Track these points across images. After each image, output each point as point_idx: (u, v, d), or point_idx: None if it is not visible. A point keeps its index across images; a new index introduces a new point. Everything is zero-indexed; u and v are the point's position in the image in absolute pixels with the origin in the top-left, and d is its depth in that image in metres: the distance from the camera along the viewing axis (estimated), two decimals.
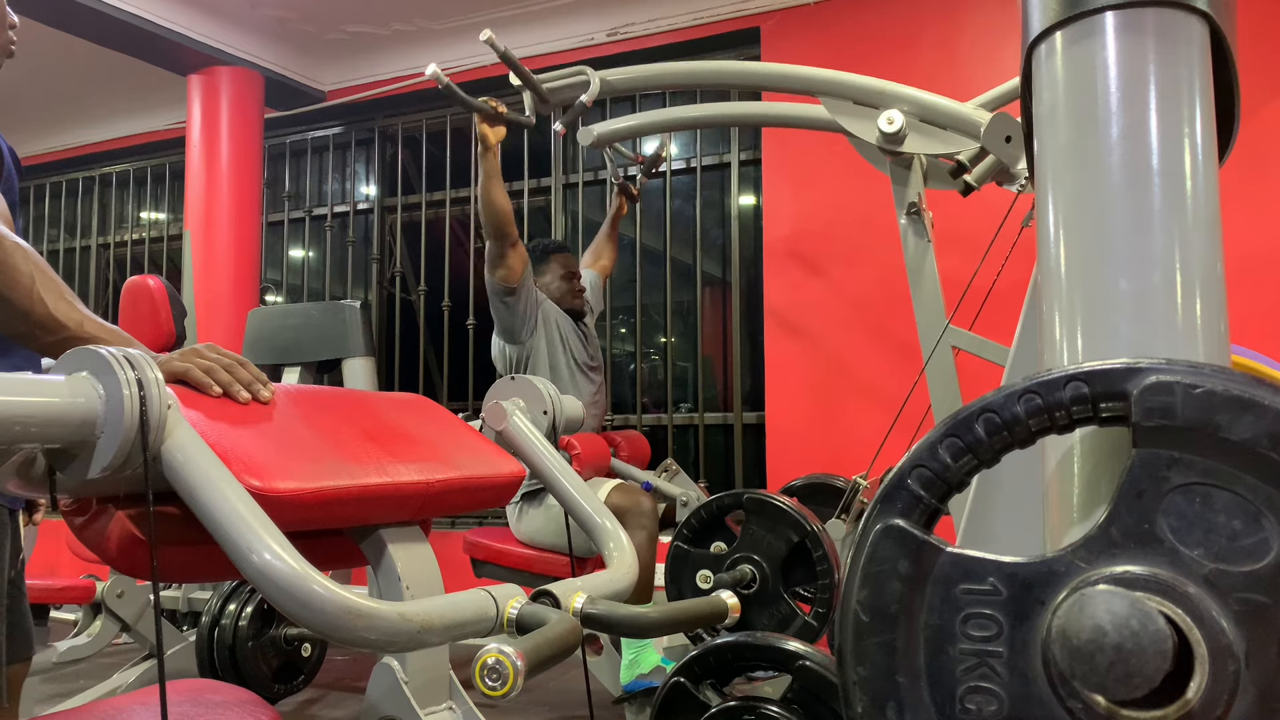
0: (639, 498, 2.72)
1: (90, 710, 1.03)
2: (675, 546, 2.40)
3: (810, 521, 2.27)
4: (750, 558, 2.31)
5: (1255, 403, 0.68)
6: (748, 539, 2.32)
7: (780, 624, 2.28)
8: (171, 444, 0.90)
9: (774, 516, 2.29)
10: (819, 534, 2.27)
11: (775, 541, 2.29)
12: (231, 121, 4.74)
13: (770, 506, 2.30)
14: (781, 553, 2.29)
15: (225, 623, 2.96)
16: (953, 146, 2.43)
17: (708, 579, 2.32)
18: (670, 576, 2.39)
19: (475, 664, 0.88)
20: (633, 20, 4.39)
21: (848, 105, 2.52)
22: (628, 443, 3.27)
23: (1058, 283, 0.89)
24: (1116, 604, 0.67)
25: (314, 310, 3.70)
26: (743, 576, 2.29)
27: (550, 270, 3.18)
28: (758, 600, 2.30)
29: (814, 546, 2.26)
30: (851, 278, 3.93)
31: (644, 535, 2.62)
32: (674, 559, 2.39)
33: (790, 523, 2.28)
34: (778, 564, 2.29)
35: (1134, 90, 0.87)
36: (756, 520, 2.31)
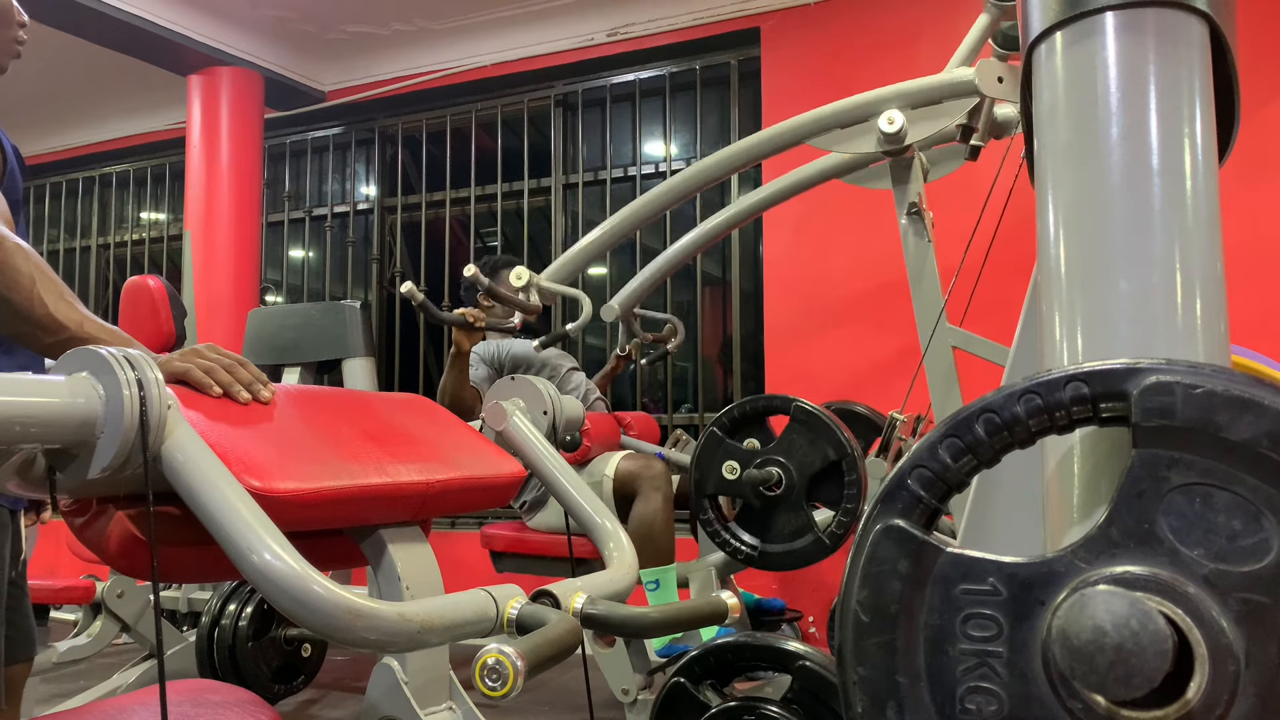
0: (650, 461, 2.72)
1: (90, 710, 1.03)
2: (710, 432, 2.38)
3: (852, 444, 2.26)
4: (781, 461, 2.30)
5: (1255, 403, 0.68)
6: (784, 444, 2.31)
7: (794, 533, 2.27)
8: (171, 444, 0.90)
9: (817, 430, 2.28)
10: (857, 457, 2.26)
11: (811, 453, 2.27)
12: (231, 121, 4.74)
13: (816, 420, 2.28)
14: (815, 466, 2.27)
15: (225, 623, 2.96)
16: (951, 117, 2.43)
17: (735, 470, 2.31)
18: (699, 461, 2.38)
19: (475, 664, 0.88)
20: (633, 20, 4.39)
21: (836, 134, 2.52)
22: (638, 422, 3.28)
23: (1058, 283, 0.89)
24: (1116, 604, 0.67)
25: (314, 310, 3.70)
26: (769, 477, 2.28)
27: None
28: (778, 504, 2.29)
29: (849, 469, 2.24)
30: (851, 278, 3.93)
31: (659, 497, 2.62)
32: (706, 444, 2.38)
33: (831, 440, 2.26)
34: (807, 475, 2.27)
35: (1134, 90, 0.87)
36: (798, 429, 2.30)
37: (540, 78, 4.70)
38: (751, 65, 4.27)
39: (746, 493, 2.33)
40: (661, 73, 4.51)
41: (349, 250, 5.22)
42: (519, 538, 2.88)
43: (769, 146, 2.64)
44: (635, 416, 3.32)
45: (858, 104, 2.49)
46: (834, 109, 2.51)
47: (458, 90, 4.85)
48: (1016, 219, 2.71)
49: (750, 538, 2.35)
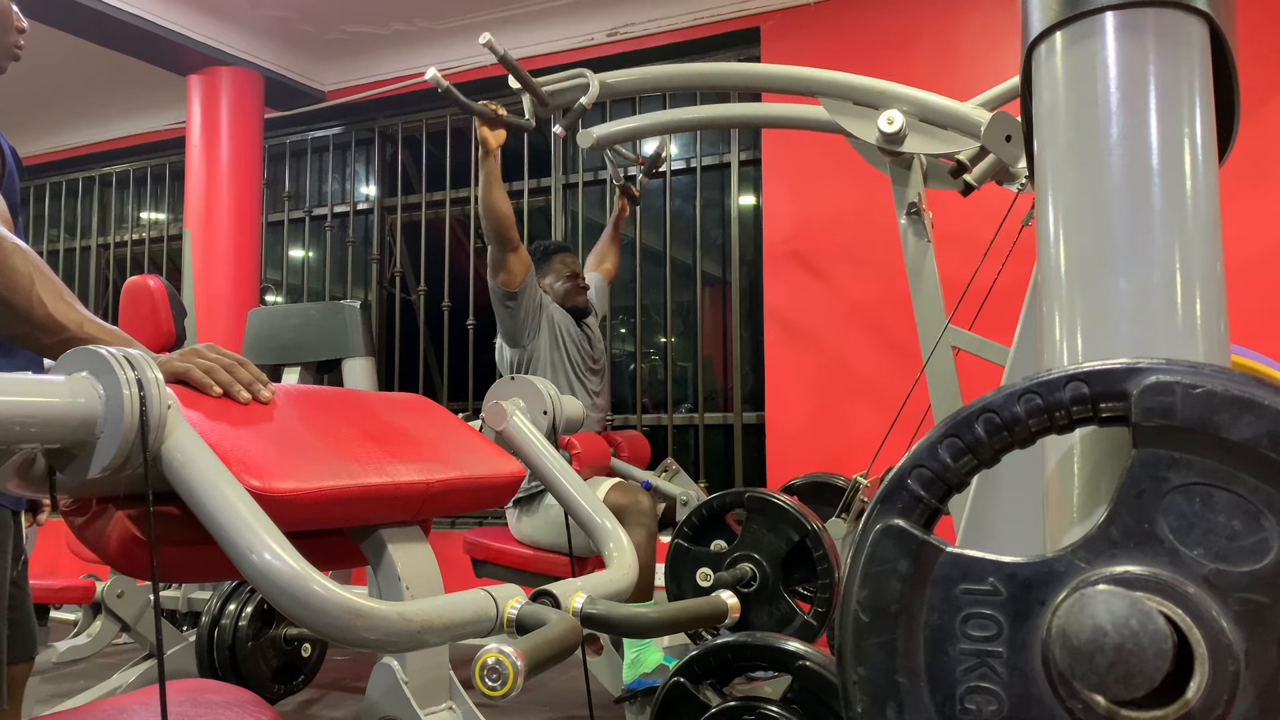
0: (638, 496, 2.72)
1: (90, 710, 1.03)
2: (675, 544, 2.40)
3: (810, 520, 2.28)
4: (751, 556, 2.31)
5: (1255, 403, 0.68)
6: (748, 537, 2.32)
7: (780, 623, 2.28)
8: (171, 444, 0.90)
9: (774, 515, 2.30)
10: (819, 533, 2.27)
11: (775, 540, 2.29)
12: (231, 121, 4.74)
13: (771, 505, 2.30)
14: (782, 551, 2.29)
15: (225, 623, 2.95)
16: (952, 146, 2.43)
17: (708, 577, 2.32)
18: (670, 574, 2.40)
19: (475, 664, 0.88)
20: (633, 20, 4.39)
21: (847, 106, 2.52)
22: (628, 443, 3.27)
23: (1058, 283, 0.89)
24: (1116, 604, 0.67)
25: (314, 310, 3.70)
26: (743, 575, 2.29)
27: (552, 270, 3.18)
28: (758, 598, 2.30)
29: (814, 545, 2.26)
30: (852, 278, 3.93)
31: (643, 533, 2.62)
32: (674, 557, 2.40)
33: (791, 521, 2.28)
34: (778, 562, 2.29)
35: (1134, 90, 0.87)
36: (757, 519, 2.32)
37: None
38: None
39: None
40: None
41: (349, 250, 5.22)
42: (502, 549, 2.88)
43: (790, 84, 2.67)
44: (626, 437, 3.31)
45: (870, 88, 2.49)
46: (850, 82, 2.51)
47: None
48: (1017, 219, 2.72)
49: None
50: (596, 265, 3.57)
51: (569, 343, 3.08)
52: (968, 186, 2.52)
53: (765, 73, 2.81)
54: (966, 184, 2.52)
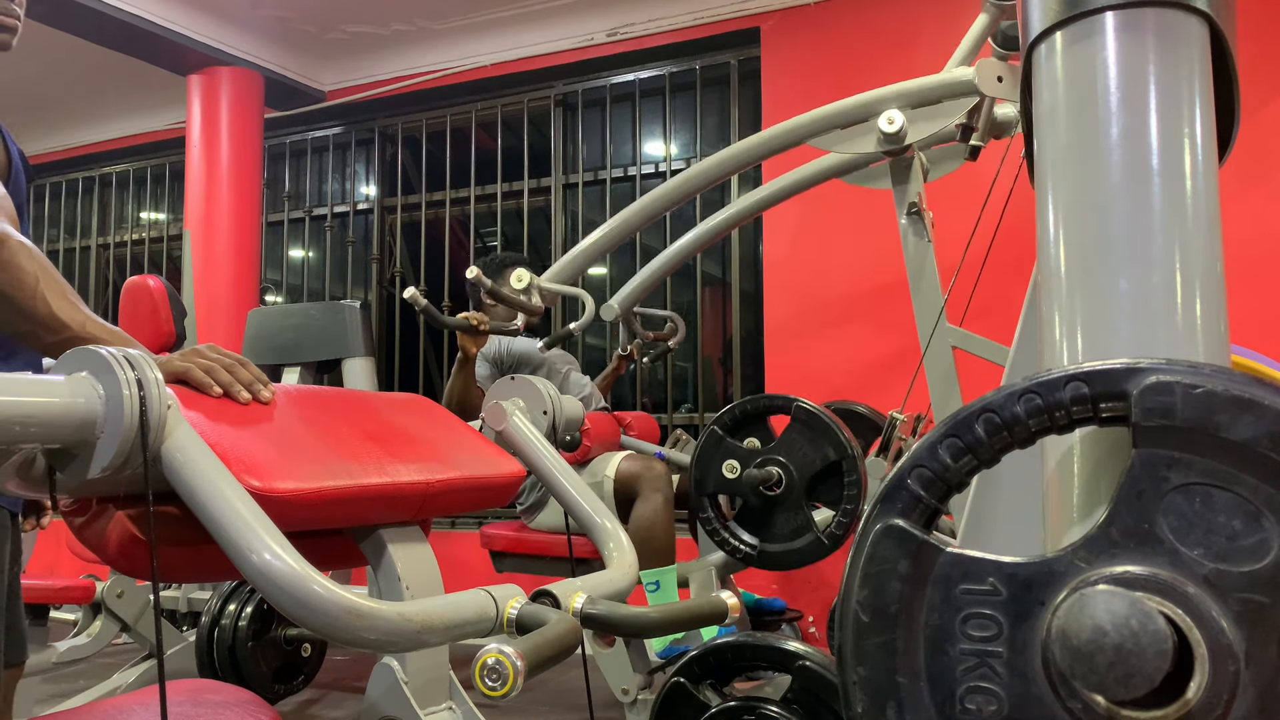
0: (651, 462, 2.71)
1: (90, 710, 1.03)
2: (711, 430, 2.38)
3: (852, 444, 2.26)
4: (781, 461, 2.30)
5: (1255, 403, 0.68)
6: (785, 443, 2.31)
7: (794, 532, 2.27)
8: (171, 444, 0.90)
9: (818, 430, 2.28)
10: (857, 458, 2.26)
11: (811, 453, 2.27)
12: (231, 121, 4.74)
13: (817, 420, 2.28)
14: (815, 466, 2.27)
15: (225, 623, 2.96)
16: (951, 116, 2.44)
17: (735, 469, 2.31)
18: (698, 461, 2.38)
19: (475, 664, 0.88)
20: (633, 20, 4.39)
21: (837, 134, 2.52)
22: (638, 421, 3.28)
23: (1058, 283, 0.89)
24: (1116, 604, 0.67)
25: (314, 310, 3.70)
26: (770, 476, 2.28)
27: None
28: (778, 503, 2.29)
29: (849, 469, 2.24)
30: (852, 277, 3.93)
31: (659, 498, 2.62)
32: (707, 443, 2.38)
33: (832, 440, 2.26)
34: (807, 475, 2.27)
35: (1134, 90, 0.87)
36: (799, 429, 2.30)
37: (540, 78, 4.70)
38: (751, 65, 4.27)
39: (746, 492, 2.33)
40: (661, 73, 4.51)
41: (349, 250, 5.22)
42: (519, 538, 2.88)
43: (769, 147, 2.65)
44: (635, 416, 3.32)
45: (858, 104, 2.49)
46: (834, 109, 2.51)
47: (458, 90, 4.85)
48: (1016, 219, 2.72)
49: (749, 537, 2.35)
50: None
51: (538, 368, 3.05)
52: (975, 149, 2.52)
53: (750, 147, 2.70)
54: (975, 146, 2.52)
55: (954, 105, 2.41)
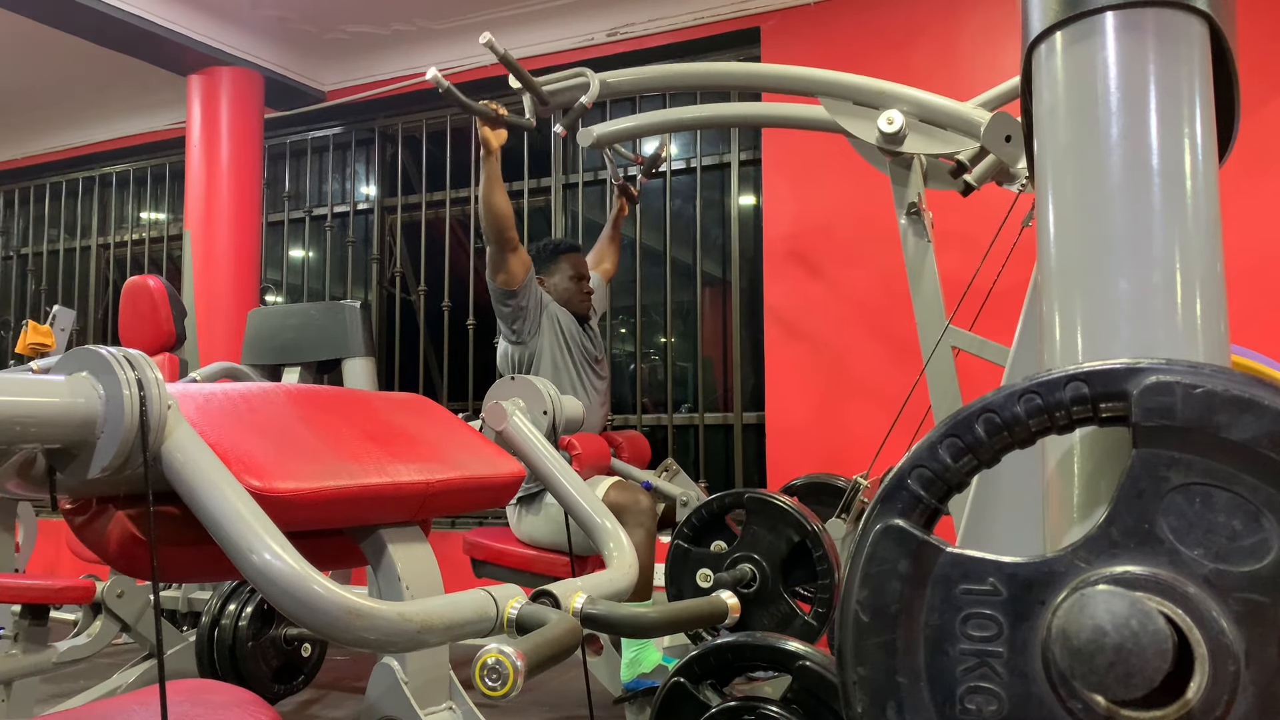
0: (637, 495, 2.72)
1: (90, 710, 1.03)
2: (675, 545, 2.40)
3: (810, 521, 2.28)
4: (750, 557, 2.31)
5: (1255, 403, 0.68)
6: (748, 538, 2.32)
7: (780, 623, 2.28)
8: (171, 444, 0.90)
9: (774, 516, 2.30)
10: (819, 533, 2.27)
11: (775, 541, 2.29)
12: (231, 121, 4.74)
13: (771, 506, 2.30)
14: (782, 552, 2.29)
15: (225, 623, 2.95)
16: (952, 146, 2.43)
17: (708, 578, 2.32)
18: (670, 576, 2.39)
19: (475, 664, 0.88)
20: (633, 20, 4.39)
21: (847, 105, 2.51)
22: (628, 443, 3.27)
23: (1058, 283, 0.89)
24: (1116, 604, 0.67)
25: (314, 310, 3.70)
26: (743, 576, 2.29)
27: (559, 271, 3.16)
28: (758, 600, 2.30)
29: (814, 546, 2.26)
30: (852, 277, 3.93)
31: (642, 533, 2.62)
32: (674, 558, 2.39)
33: (791, 522, 2.28)
34: (778, 563, 2.29)
35: (1134, 90, 0.87)
36: (757, 519, 2.32)
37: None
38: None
39: None
40: None
41: (349, 250, 5.22)
42: (502, 549, 2.88)
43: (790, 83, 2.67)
44: (626, 437, 3.31)
45: (870, 88, 2.49)
46: (851, 82, 2.51)
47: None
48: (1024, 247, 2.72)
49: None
50: (595, 265, 3.56)
51: (572, 342, 3.07)
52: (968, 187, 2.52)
53: (766, 73, 2.81)
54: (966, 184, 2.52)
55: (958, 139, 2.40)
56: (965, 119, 2.36)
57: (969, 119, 2.35)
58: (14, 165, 6.12)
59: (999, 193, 2.69)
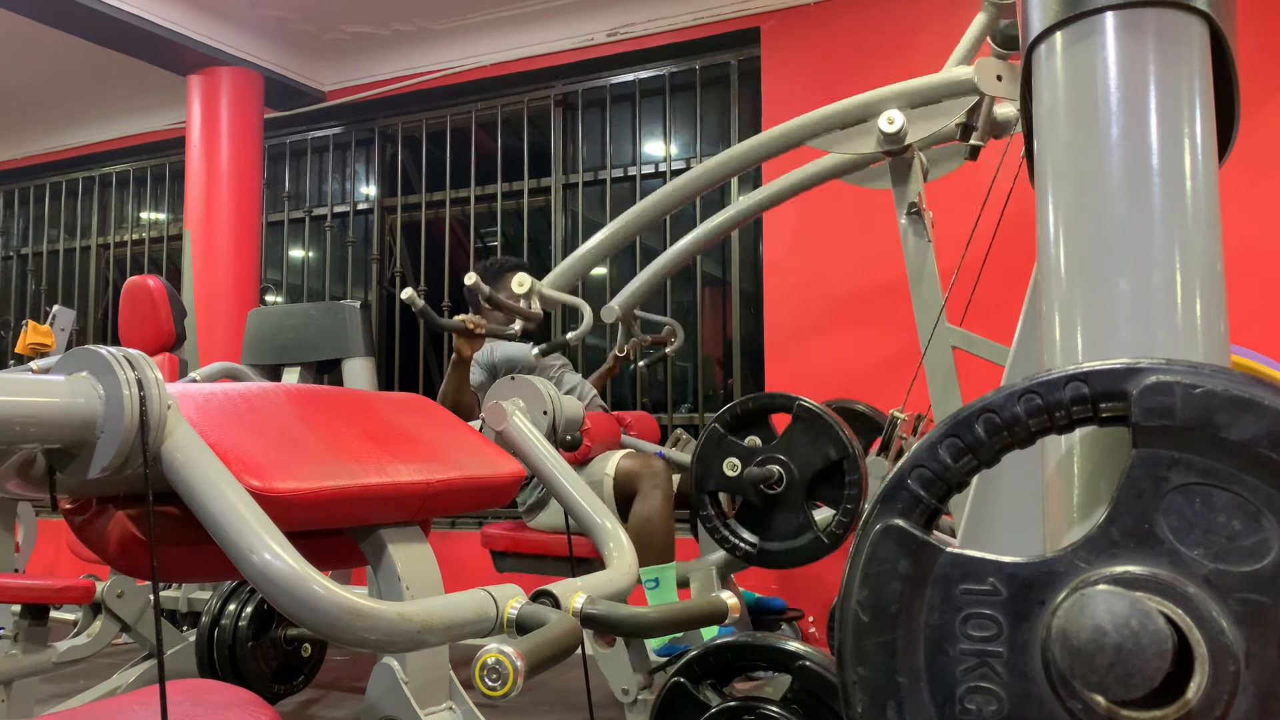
0: (650, 460, 2.71)
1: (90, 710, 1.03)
2: (712, 428, 2.37)
3: (854, 443, 2.25)
4: (782, 459, 2.29)
5: (1255, 403, 0.68)
6: (786, 442, 2.30)
7: (794, 531, 2.27)
8: (171, 444, 0.90)
9: (819, 429, 2.27)
10: (858, 456, 2.26)
11: (813, 452, 2.26)
12: (231, 121, 4.74)
13: (819, 419, 2.27)
14: (816, 465, 2.26)
15: (225, 623, 2.95)
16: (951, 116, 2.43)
17: (736, 467, 2.31)
18: (700, 458, 2.38)
19: (475, 664, 0.88)
20: (633, 20, 4.39)
21: (837, 135, 2.52)
22: (637, 421, 3.28)
23: (1058, 283, 0.89)
24: (1116, 604, 0.67)
25: (314, 310, 3.70)
26: (770, 475, 2.28)
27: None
28: (779, 502, 2.29)
29: (850, 469, 2.24)
30: (852, 277, 3.93)
31: (659, 495, 2.61)
32: (708, 440, 2.37)
33: (833, 438, 2.25)
34: (808, 474, 2.27)
35: (1134, 90, 0.87)
36: (800, 427, 2.29)
37: (540, 78, 4.70)
38: (751, 65, 4.27)
39: (747, 490, 2.33)
40: (661, 73, 4.51)
41: (349, 250, 5.22)
42: (519, 537, 2.87)
43: (769, 148, 2.64)
44: (635, 416, 3.32)
45: (857, 104, 2.49)
46: (834, 110, 2.51)
47: (458, 90, 4.85)
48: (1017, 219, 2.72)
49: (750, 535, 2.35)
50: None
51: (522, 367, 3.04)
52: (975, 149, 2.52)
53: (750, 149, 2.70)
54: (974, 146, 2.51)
55: (954, 105, 2.41)
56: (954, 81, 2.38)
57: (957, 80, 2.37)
58: (14, 165, 6.12)
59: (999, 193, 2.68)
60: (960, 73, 2.38)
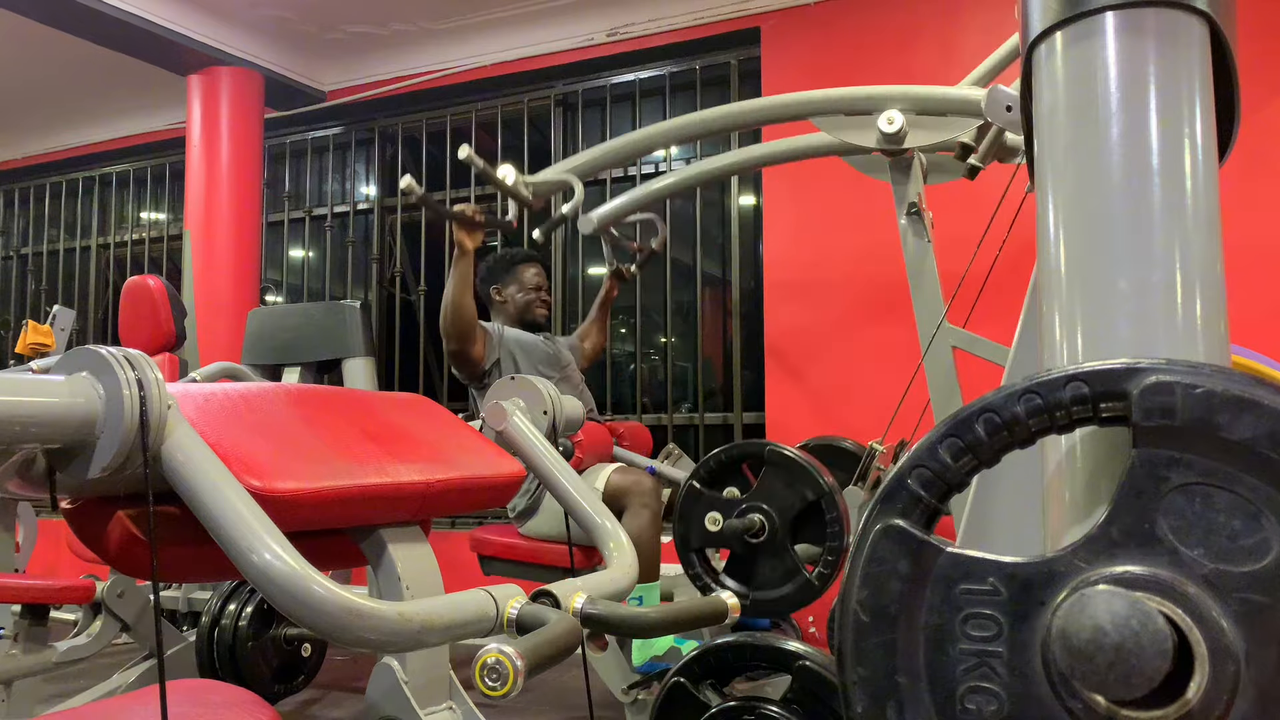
0: (640, 477, 2.71)
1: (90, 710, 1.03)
2: (689, 485, 2.38)
3: (827, 481, 2.26)
4: (762, 507, 2.30)
5: (1255, 403, 0.68)
6: (763, 489, 2.31)
7: (783, 577, 2.27)
8: (171, 444, 0.90)
9: (793, 471, 2.29)
10: (834, 494, 2.26)
11: (790, 496, 2.28)
12: (231, 121, 4.74)
13: (791, 461, 2.29)
14: (794, 507, 2.28)
15: (225, 623, 2.95)
16: (954, 131, 2.43)
17: (717, 521, 2.32)
18: (680, 515, 2.38)
19: (475, 664, 0.88)
20: (633, 20, 4.39)
21: (840, 119, 2.51)
22: (630, 433, 3.28)
23: (1058, 282, 0.89)
24: (1116, 604, 0.67)
25: (314, 310, 3.70)
26: (752, 525, 2.29)
27: (515, 281, 3.13)
28: (764, 551, 2.29)
29: (828, 507, 2.25)
30: (852, 277, 3.93)
31: (647, 514, 2.61)
32: (686, 497, 2.38)
33: (808, 480, 2.27)
34: (789, 518, 2.28)
35: (1134, 90, 0.87)
36: (774, 472, 2.30)
37: (540, 78, 4.70)
38: (751, 65, 4.27)
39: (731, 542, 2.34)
40: (661, 73, 4.51)
41: (349, 250, 5.22)
42: (509, 544, 2.87)
43: (775, 113, 2.65)
44: (628, 427, 3.31)
45: (863, 95, 2.49)
46: (841, 94, 2.51)
47: (458, 90, 4.85)
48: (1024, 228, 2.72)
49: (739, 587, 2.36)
50: (580, 340, 3.47)
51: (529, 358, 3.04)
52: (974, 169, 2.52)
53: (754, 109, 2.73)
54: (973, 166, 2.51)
55: (959, 122, 2.40)
56: (962, 100, 2.37)
57: (966, 99, 2.36)
58: (14, 165, 6.12)
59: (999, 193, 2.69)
60: (971, 93, 2.36)
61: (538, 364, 3.04)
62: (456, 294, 2.75)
